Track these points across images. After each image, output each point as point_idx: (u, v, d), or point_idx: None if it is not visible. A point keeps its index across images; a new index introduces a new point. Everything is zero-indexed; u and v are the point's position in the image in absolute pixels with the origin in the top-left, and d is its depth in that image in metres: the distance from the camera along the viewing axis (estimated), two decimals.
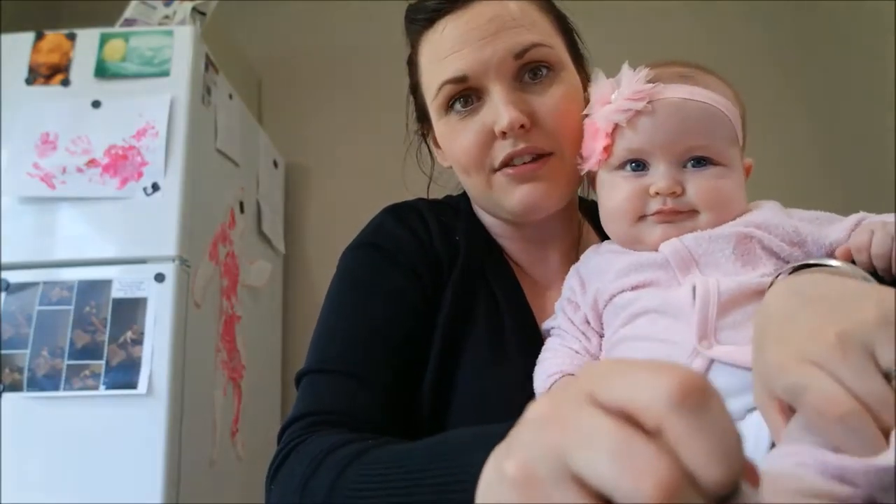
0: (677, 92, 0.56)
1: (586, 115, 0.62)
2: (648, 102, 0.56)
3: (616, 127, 0.57)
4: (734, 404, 0.44)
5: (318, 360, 0.62)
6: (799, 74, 2.17)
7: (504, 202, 0.65)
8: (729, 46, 2.20)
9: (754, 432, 0.42)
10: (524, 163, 0.63)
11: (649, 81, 0.56)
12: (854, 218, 0.55)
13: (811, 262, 0.46)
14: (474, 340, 0.63)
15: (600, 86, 0.60)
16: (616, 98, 0.57)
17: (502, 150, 0.62)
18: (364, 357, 0.60)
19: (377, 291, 0.64)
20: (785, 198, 0.61)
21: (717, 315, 0.50)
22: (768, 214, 0.56)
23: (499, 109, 0.61)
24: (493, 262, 0.70)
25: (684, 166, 0.56)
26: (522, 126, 0.61)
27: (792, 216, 0.57)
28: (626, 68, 0.58)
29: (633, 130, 0.57)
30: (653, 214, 0.56)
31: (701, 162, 0.56)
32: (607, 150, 0.58)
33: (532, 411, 0.28)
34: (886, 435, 0.32)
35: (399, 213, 0.71)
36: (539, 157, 0.63)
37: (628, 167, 0.58)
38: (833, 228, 0.55)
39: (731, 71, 0.65)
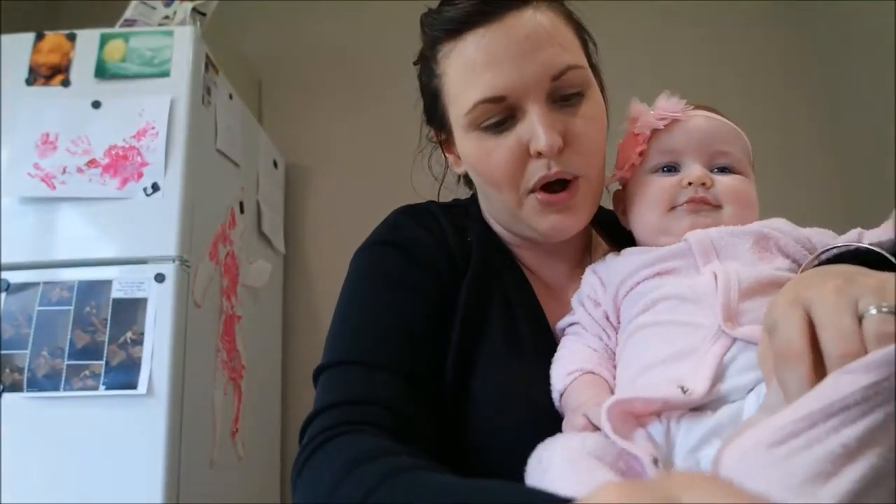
0: (703, 114, 0.65)
1: (625, 134, 0.68)
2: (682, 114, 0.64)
3: (652, 134, 0.65)
4: (754, 381, 0.48)
5: (336, 354, 0.61)
6: (800, 72, 2.18)
7: (533, 224, 0.66)
8: (730, 46, 2.20)
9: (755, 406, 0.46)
10: (555, 190, 0.64)
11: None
12: (854, 232, 0.58)
13: (841, 245, 0.51)
14: (490, 337, 0.64)
15: (637, 106, 0.67)
16: (653, 113, 0.65)
17: (536, 171, 0.63)
18: (384, 348, 0.60)
19: (395, 286, 0.64)
20: (785, 193, 0.61)
21: (737, 301, 0.52)
22: (782, 222, 0.61)
23: (536, 130, 0.61)
24: (504, 264, 0.71)
25: (711, 170, 0.63)
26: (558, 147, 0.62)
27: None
28: (661, 96, 0.66)
29: (669, 134, 0.64)
30: (683, 204, 0.61)
31: (725, 169, 0.63)
32: (642, 153, 0.65)
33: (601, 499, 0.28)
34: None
35: (413, 214, 0.72)
36: (569, 180, 0.64)
37: (661, 170, 0.64)
38: (836, 238, 0.58)
39: (732, 69, 0.66)
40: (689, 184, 0.61)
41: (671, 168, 0.64)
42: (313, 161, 2.27)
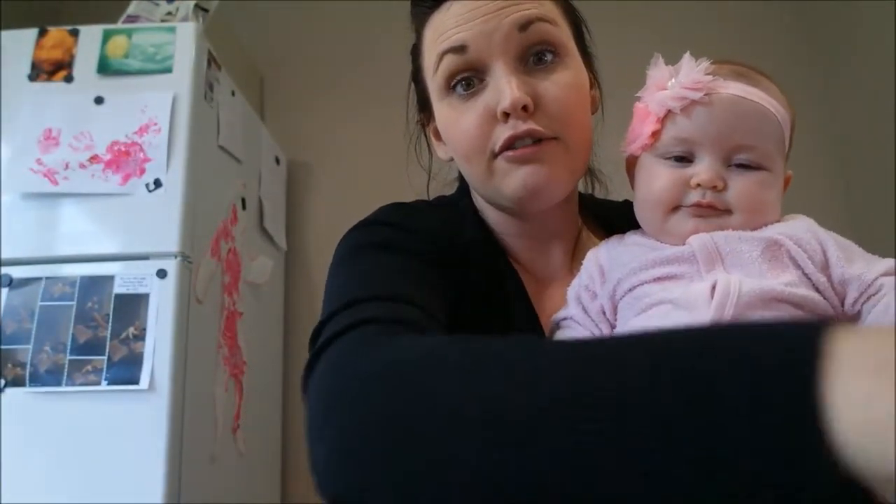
0: (733, 89, 0.56)
1: (638, 98, 0.61)
2: (705, 94, 0.55)
3: (668, 113, 0.57)
4: None
5: (341, 301, 0.52)
6: (800, 70, 2.17)
7: (504, 188, 0.61)
8: (730, 45, 2.20)
9: None
10: (525, 146, 0.60)
11: (707, 74, 0.56)
12: (885, 264, 0.53)
13: None
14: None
15: (658, 70, 0.59)
16: (673, 85, 0.57)
17: (503, 132, 0.59)
18: (401, 287, 0.54)
19: (397, 252, 0.59)
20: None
21: (732, 315, 0.49)
22: (800, 229, 0.55)
23: (502, 88, 0.58)
24: (495, 262, 0.69)
25: (728, 165, 0.56)
26: (525, 108, 0.58)
27: (826, 235, 0.56)
28: (687, 57, 0.57)
29: (685, 119, 0.56)
30: (689, 206, 0.56)
31: (746, 165, 0.56)
32: (655, 135, 0.58)
33: None
34: None
35: (405, 209, 0.69)
36: (541, 140, 0.60)
37: (673, 157, 0.58)
38: (857, 265, 0.53)
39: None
40: (699, 185, 0.55)
41: (683, 158, 0.57)
42: (315, 158, 2.27)
